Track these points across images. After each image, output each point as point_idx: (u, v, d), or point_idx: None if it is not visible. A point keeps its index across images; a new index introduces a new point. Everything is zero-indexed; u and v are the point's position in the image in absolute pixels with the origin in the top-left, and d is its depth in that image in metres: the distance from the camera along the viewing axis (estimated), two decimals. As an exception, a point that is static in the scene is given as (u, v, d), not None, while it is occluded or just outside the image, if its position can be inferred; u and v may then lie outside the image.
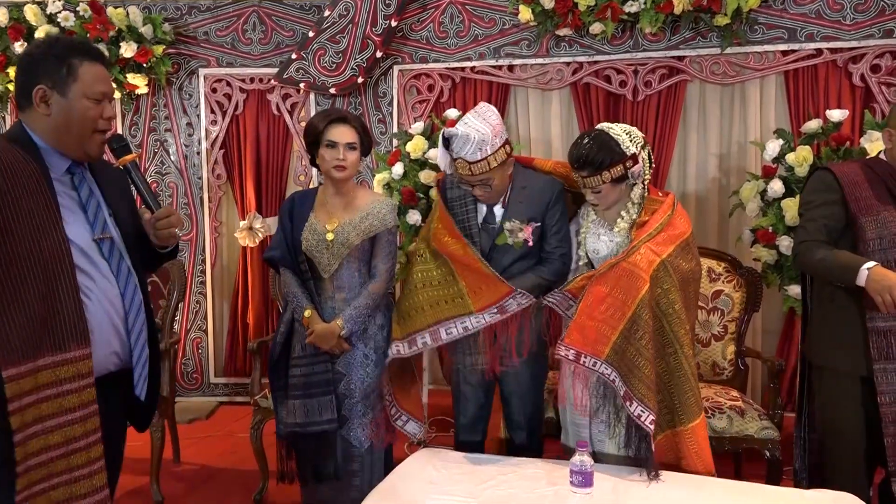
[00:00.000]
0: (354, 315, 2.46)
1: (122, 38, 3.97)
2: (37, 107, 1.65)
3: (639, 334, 2.23)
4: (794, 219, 2.95)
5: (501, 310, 2.42)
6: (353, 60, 3.97)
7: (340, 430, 2.49)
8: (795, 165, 2.98)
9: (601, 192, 2.36)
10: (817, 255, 2.23)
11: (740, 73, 3.63)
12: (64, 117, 1.65)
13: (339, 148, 2.44)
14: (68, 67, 1.64)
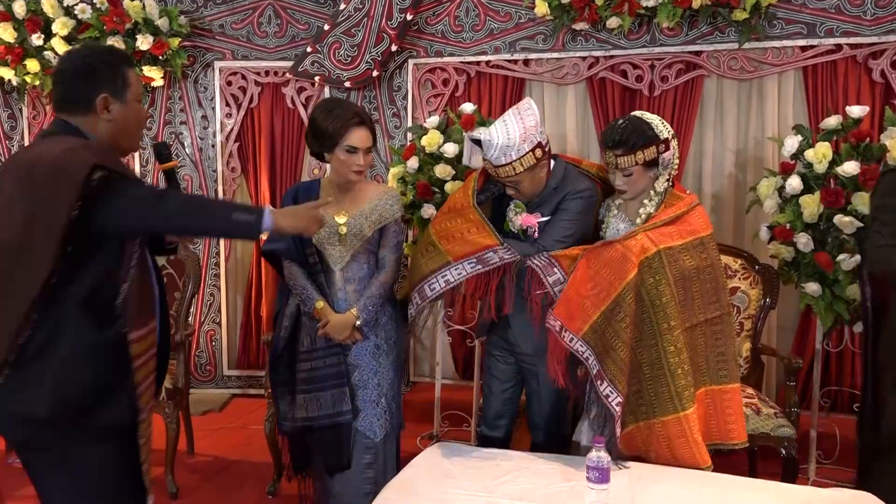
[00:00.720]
0: (368, 305, 2.47)
1: (138, 31, 3.98)
2: (100, 113, 1.77)
3: (620, 316, 2.25)
4: (811, 215, 2.93)
5: (481, 260, 2.38)
6: (369, 54, 3.97)
7: (354, 421, 2.49)
8: (814, 162, 2.95)
9: (632, 176, 2.36)
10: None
11: (758, 68, 3.60)
12: (124, 121, 1.80)
13: (360, 154, 2.43)
14: (123, 77, 1.78)
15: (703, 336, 2.37)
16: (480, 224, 2.41)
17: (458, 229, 2.45)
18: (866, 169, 2.84)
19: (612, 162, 2.36)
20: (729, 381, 2.38)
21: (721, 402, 2.38)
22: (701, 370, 2.36)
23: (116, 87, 1.77)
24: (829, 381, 3.56)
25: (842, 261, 2.89)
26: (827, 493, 2.14)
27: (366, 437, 2.51)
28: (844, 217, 2.85)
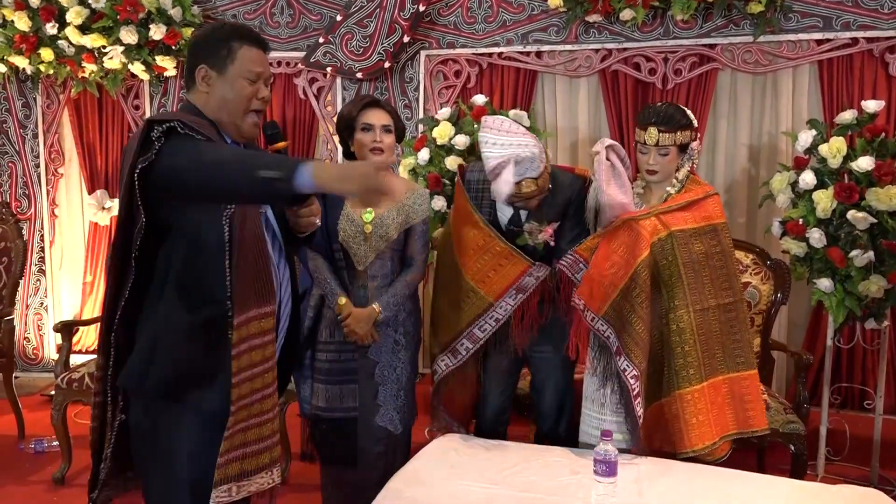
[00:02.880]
0: (392, 302, 2.46)
1: (151, 21, 3.99)
2: (199, 85, 1.76)
3: (636, 292, 2.32)
4: (825, 211, 2.91)
5: (520, 289, 2.45)
6: (381, 45, 3.96)
7: (375, 417, 2.48)
8: (828, 157, 2.93)
9: (668, 156, 2.42)
10: None
11: (773, 61, 3.56)
12: (222, 95, 1.74)
13: (376, 130, 2.44)
14: (229, 49, 1.74)
15: (718, 322, 2.39)
16: (508, 253, 2.46)
17: (490, 266, 2.49)
18: (881, 164, 2.81)
19: (654, 139, 2.40)
20: (746, 367, 2.41)
21: (740, 389, 2.40)
22: (717, 358, 2.39)
23: (217, 58, 1.74)
24: (839, 378, 3.54)
25: (854, 257, 2.87)
26: (836, 489, 2.14)
27: (384, 430, 2.50)
28: (858, 213, 2.83)
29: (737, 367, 2.39)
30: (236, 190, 1.55)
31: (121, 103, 4.34)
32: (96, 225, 4.45)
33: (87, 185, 4.45)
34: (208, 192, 1.58)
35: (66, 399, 3.17)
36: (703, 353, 2.34)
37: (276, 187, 1.47)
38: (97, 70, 4.10)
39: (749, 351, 2.44)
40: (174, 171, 1.56)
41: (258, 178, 1.47)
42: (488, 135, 2.35)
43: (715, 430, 2.34)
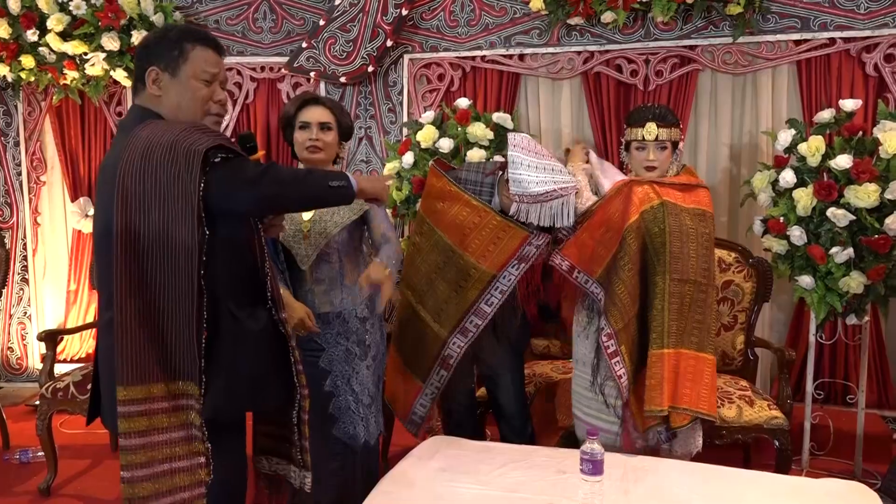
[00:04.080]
0: (393, 258, 2.38)
1: (133, 27, 3.98)
2: (150, 88, 1.71)
3: (620, 255, 2.43)
4: (805, 209, 2.94)
5: (522, 258, 2.49)
6: (364, 49, 3.97)
7: (330, 429, 2.43)
8: (807, 155, 2.97)
9: (665, 151, 2.54)
10: None
11: (752, 62, 3.61)
12: (176, 99, 1.70)
13: (312, 128, 2.40)
14: (180, 50, 1.69)
15: (691, 298, 2.45)
16: (505, 226, 2.50)
17: (489, 240, 2.51)
18: (859, 162, 2.85)
19: (653, 134, 2.51)
20: (700, 349, 2.46)
21: (693, 367, 2.44)
22: (685, 331, 2.45)
23: (169, 60, 1.69)
24: (822, 374, 3.59)
25: (835, 253, 2.91)
26: (820, 483, 2.16)
27: (341, 443, 2.45)
28: (837, 210, 2.87)
29: (690, 344, 2.45)
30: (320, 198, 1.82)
31: (103, 110, 4.32)
32: (80, 233, 4.42)
33: (70, 193, 4.42)
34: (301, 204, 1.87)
35: (51, 409, 3.15)
36: (671, 321, 2.41)
37: (343, 193, 1.78)
38: (79, 77, 4.08)
39: (707, 336, 2.50)
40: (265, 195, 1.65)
41: (332, 187, 1.76)
42: (521, 155, 2.40)
43: (666, 397, 2.38)
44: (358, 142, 4.16)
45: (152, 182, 1.55)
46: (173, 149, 1.55)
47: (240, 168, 1.63)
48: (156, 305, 1.56)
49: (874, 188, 2.82)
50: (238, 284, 1.70)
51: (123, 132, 1.69)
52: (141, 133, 1.61)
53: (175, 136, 1.58)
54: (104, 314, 1.70)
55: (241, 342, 1.68)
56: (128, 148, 1.60)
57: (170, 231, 1.54)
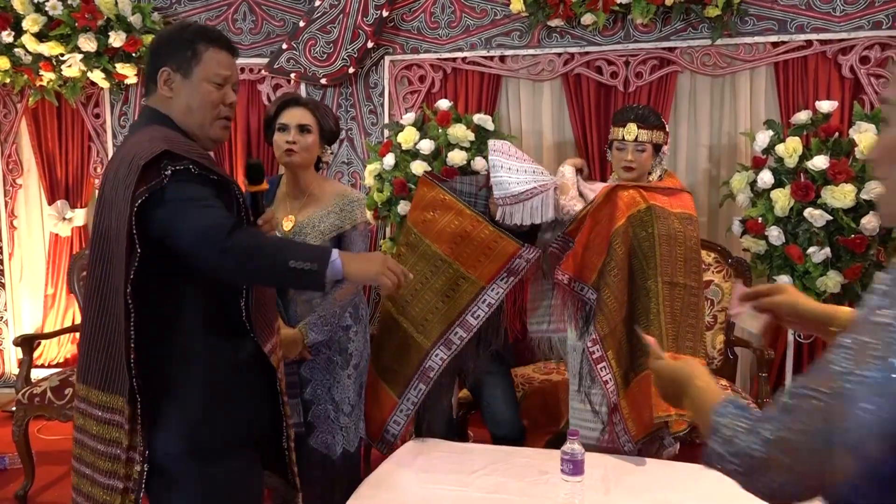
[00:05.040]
0: (319, 323, 2.32)
1: (110, 28, 3.94)
2: (161, 89, 1.66)
3: (607, 259, 2.44)
4: (783, 209, 2.97)
5: (511, 272, 2.48)
6: (345, 51, 3.96)
7: (308, 437, 2.40)
8: (785, 156, 3.00)
9: (644, 153, 2.52)
10: None
11: (731, 64, 3.64)
12: (186, 101, 1.65)
13: (290, 130, 2.34)
14: (194, 51, 1.65)
15: (681, 301, 2.44)
16: (497, 236, 2.50)
17: (480, 250, 2.51)
18: (835, 163, 2.89)
19: (632, 134, 2.49)
20: (694, 353, 2.45)
21: None
22: (679, 335, 2.43)
23: (182, 60, 1.65)
24: (801, 371, 3.61)
25: (812, 253, 2.94)
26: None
27: (319, 453, 2.42)
28: (814, 210, 2.90)
29: (685, 349, 2.45)
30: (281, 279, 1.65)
31: (80, 112, 4.27)
32: (57, 236, 4.37)
33: (47, 196, 4.37)
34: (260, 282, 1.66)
35: (28, 415, 3.11)
36: (667, 324, 2.40)
37: (306, 277, 1.55)
38: (55, 78, 4.04)
39: (700, 340, 2.51)
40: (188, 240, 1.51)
41: (289, 268, 1.54)
42: (501, 159, 2.48)
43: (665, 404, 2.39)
44: (339, 143, 4.13)
45: (111, 190, 1.55)
46: (132, 159, 1.52)
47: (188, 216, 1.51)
48: (110, 313, 1.55)
49: (850, 189, 2.85)
50: (217, 314, 1.63)
51: (130, 133, 1.72)
52: (131, 139, 1.62)
53: (139, 146, 1.54)
54: None
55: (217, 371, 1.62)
56: (115, 155, 1.62)
57: (113, 242, 1.53)
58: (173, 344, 1.58)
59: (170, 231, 1.51)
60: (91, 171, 4.33)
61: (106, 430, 1.56)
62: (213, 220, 1.52)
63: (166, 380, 1.58)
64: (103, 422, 1.56)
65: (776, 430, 0.83)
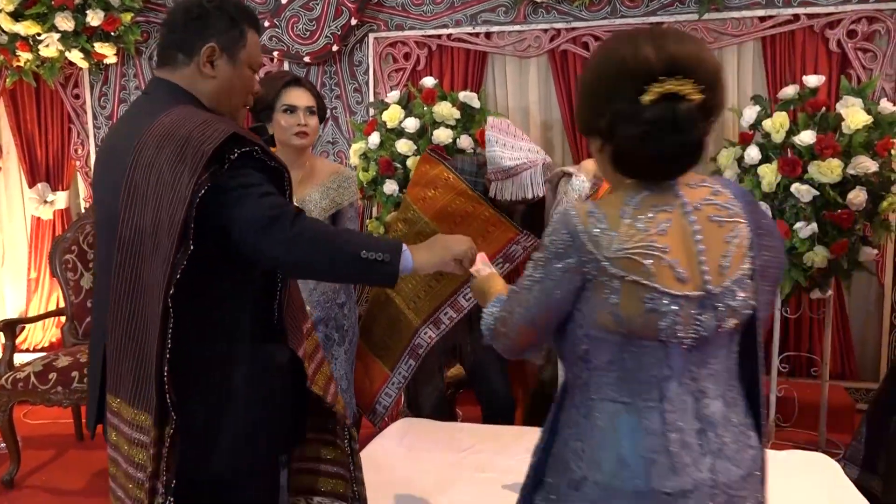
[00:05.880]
0: (322, 300, 2.37)
1: (88, 6, 3.86)
2: (202, 66, 1.48)
3: None
4: (770, 185, 2.96)
5: (507, 257, 2.47)
6: (328, 28, 3.89)
7: None
8: (772, 132, 2.98)
9: None
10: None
11: (718, 39, 3.60)
12: (228, 84, 1.51)
13: (299, 112, 2.33)
14: (241, 32, 1.51)
15: None
16: (496, 220, 2.49)
17: (478, 232, 2.48)
18: (822, 138, 2.87)
19: None
20: None
21: None
22: None
23: (229, 40, 1.48)
24: (787, 347, 3.64)
25: (799, 229, 2.93)
26: (783, 455, 2.19)
27: None
28: (801, 186, 2.89)
29: None
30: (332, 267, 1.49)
31: (60, 93, 4.20)
32: (39, 219, 4.31)
33: (28, 179, 4.30)
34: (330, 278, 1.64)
35: (12, 400, 3.08)
36: None
37: (377, 269, 1.45)
38: (33, 59, 3.96)
39: None
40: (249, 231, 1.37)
41: (360, 258, 1.43)
42: (497, 135, 2.50)
43: None
44: (324, 123, 4.08)
45: (156, 179, 1.36)
46: (186, 144, 1.35)
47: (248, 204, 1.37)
48: (143, 316, 1.37)
49: (837, 164, 2.84)
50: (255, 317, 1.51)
51: (146, 110, 1.46)
52: (164, 120, 1.40)
53: (192, 128, 1.37)
54: None
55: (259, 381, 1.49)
56: (145, 135, 1.39)
57: (158, 236, 1.35)
58: (213, 352, 1.44)
59: (227, 221, 1.37)
60: (72, 153, 4.27)
61: (134, 451, 1.39)
62: (276, 208, 1.39)
63: (204, 392, 1.43)
64: (132, 442, 1.39)
65: (499, 311, 1.29)
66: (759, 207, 1.26)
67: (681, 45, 1.13)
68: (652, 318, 1.12)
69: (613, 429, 1.16)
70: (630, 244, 1.11)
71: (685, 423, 1.15)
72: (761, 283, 1.21)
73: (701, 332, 1.15)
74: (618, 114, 1.13)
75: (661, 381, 1.15)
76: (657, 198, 1.15)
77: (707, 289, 1.14)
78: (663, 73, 1.10)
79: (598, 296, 1.14)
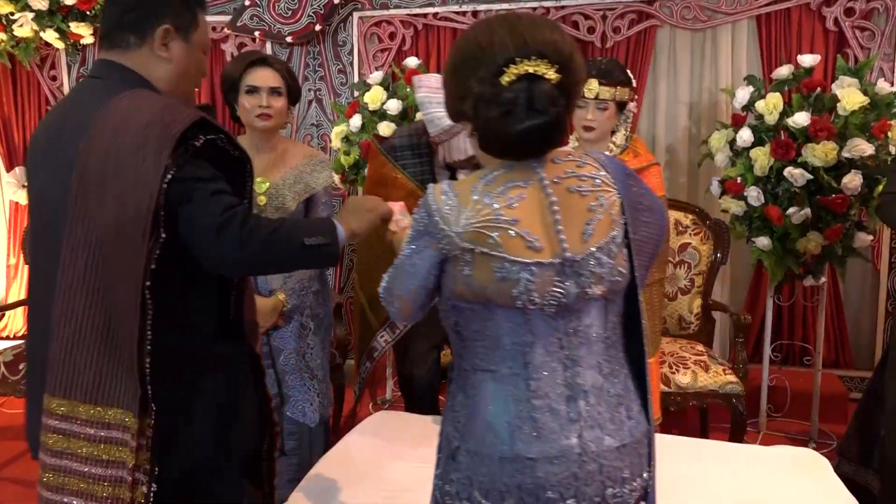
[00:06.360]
0: (297, 288, 2.29)
1: (62, -16, 3.75)
2: (157, 49, 1.41)
3: None
4: (762, 168, 2.87)
5: None
6: (310, 6, 3.78)
7: (283, 408, 2.33)
8: (765, 113, 2.88)
9: (606, 111, 2.32)
10: None
11: (712, 17, 3.49)
12: (184, 67, 1.44)
13: (262, 94, 2.23)
14: (193, 13, 1.45)
15: (658, 296, 2.34)
16: None
17: None
18: (817, 120, 2.78)
19: (593, 91, 2.30)
20: (655, 349, 2.35)
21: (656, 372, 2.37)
22: (656, 333, 2.34)
23: (184, 21, 1.42)
24: (781, 335, 3.56)
25: (791, 214, 2.85)
26: (772, 451, 2.12)
27: (296, 422, 2.35)
28: (794, 169, 2.80)
29: (655, 348, 2.35)
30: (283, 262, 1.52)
31: (36, 74, 4.09)
32: (17, 204, 4.22)
33: (5, 163, 4.21)
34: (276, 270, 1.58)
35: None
36: (651, 328, 2.30)
37: (321, 253, 1.45)
38: (7, 39, 3.84)
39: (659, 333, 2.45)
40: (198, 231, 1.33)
41: (305, 246, 1.41)
42: (429, 95, 2.30)
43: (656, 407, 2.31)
44: (308, 105, 3.99)
45: (115, 166, 1.29)
46: (147, 128, 1.29)
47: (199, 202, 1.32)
48: (104, 312, 1.31)
49: (832, 146, 2.75)
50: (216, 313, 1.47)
51: (95, 96, 1.38)
52: (119, 104, 1.33)
53: (155, 111, 1.32)
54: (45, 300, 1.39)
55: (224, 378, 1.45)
56: (96, 121, 1.32)
57: (122, 226, 1.28)
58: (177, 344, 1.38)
59: (178, 214, 1.31)
60: (50, 137, 4.17)
61: (104, 450, 1.33)
62: (227, 210, 1.33)
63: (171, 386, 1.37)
64: (99, 441, 1.33)
65: (386, 281, 1.33)
66: (640, 182, 1.32)
67: (535, 29, 1.20)
68: (504, 286, 1.18)
69: (482, 397, 1.22)
70: (477, 219, 1.18)
71: (552, 390, 1.20)
72: (637, 257, 1.27)
73: (561, 299, 1.19)
74: (480, 96, 1.19)
75: (525, 347, 1.20)
76: (512, 175, 1.21)
77: (565, 256, 1.19)
78: (520, 56, 1.16)
79: (455, 269, 1.21)
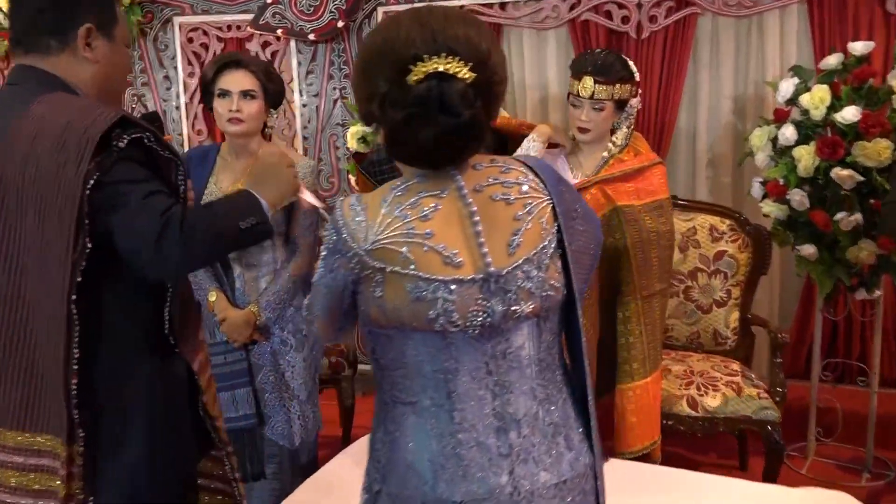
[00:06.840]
0: (273, 301, 2.17)
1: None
2: (82, 50, 1.34)
3: None
4: (807, 169, 2.59)
5: None
6: (332, 3, 3.67)
7: (261, 428, 2.22)
8: (810, 108, 2.59)
9: (602, 112, 2.16)
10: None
11: (758, 3, 3.20)
12: (111, 66, 1.39)
13: (233, 97, 2.13)
14: (112, 9, 1.39)
15: (660, 308, 2.16)
16: None
17: None
18: (868, 115, 2.48)
19: (588, 91, 2.13)
20: (654, 367, 2.18)
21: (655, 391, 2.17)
22: (658, 348, 2.16)
23: (104, 18, 1.36)
24: (835, 352, 3.24)
25: (840, 219, 2.55)
26: (798, 493, 1.88)
27: (276, 446, 2.24)
28: (843, 170, 2.51)
29: (654, 365, 2.15)
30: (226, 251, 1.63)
31: None
32: None
33: None
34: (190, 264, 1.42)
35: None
36: (648, 344, 2.11)
37: (255, 233, 1.40)
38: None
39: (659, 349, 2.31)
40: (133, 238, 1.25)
41: (241, 230, 1.36)
42: None
43: (653, 429, 2.10)
44: (333, 104, 3.89)
45: (34, 174, 1.23)
46: (65, 132, 1.23)
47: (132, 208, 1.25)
48: (27, 331, 1.26)
49: (886, 145, 2.45)
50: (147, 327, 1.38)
51: (11, 104, 1.32)
52: (36, 109, 1.28)
53: (73, 113, 1.26)
54: None
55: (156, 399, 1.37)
56: (13, 128, 1.27)
57: (45, 237, 1.23)
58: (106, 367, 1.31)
59: (111, 224, 1.24)
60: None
61: (34, 479, 1.28)
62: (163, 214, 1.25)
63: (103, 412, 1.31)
64: (28, 469, 1.28)
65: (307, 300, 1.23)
66: (571, 189, 1.20)
67: (446, 25, 1.08)
68: (419, 308, 1.07)
69: (402, 433, 1.11)
70: (386, 233, 1.07)
71: (479, 422, 1.09)
72: (575, 269, 1.15)
73: (486, 320, 1.07)
74: (386, 97, 1.09)
75: (448, 374, 1.08)
76: (427, 184, 1.10)
77: (489, 271, 1.08)
78: (428, 53, 1.06)
79: (367, 290, 1.10)
